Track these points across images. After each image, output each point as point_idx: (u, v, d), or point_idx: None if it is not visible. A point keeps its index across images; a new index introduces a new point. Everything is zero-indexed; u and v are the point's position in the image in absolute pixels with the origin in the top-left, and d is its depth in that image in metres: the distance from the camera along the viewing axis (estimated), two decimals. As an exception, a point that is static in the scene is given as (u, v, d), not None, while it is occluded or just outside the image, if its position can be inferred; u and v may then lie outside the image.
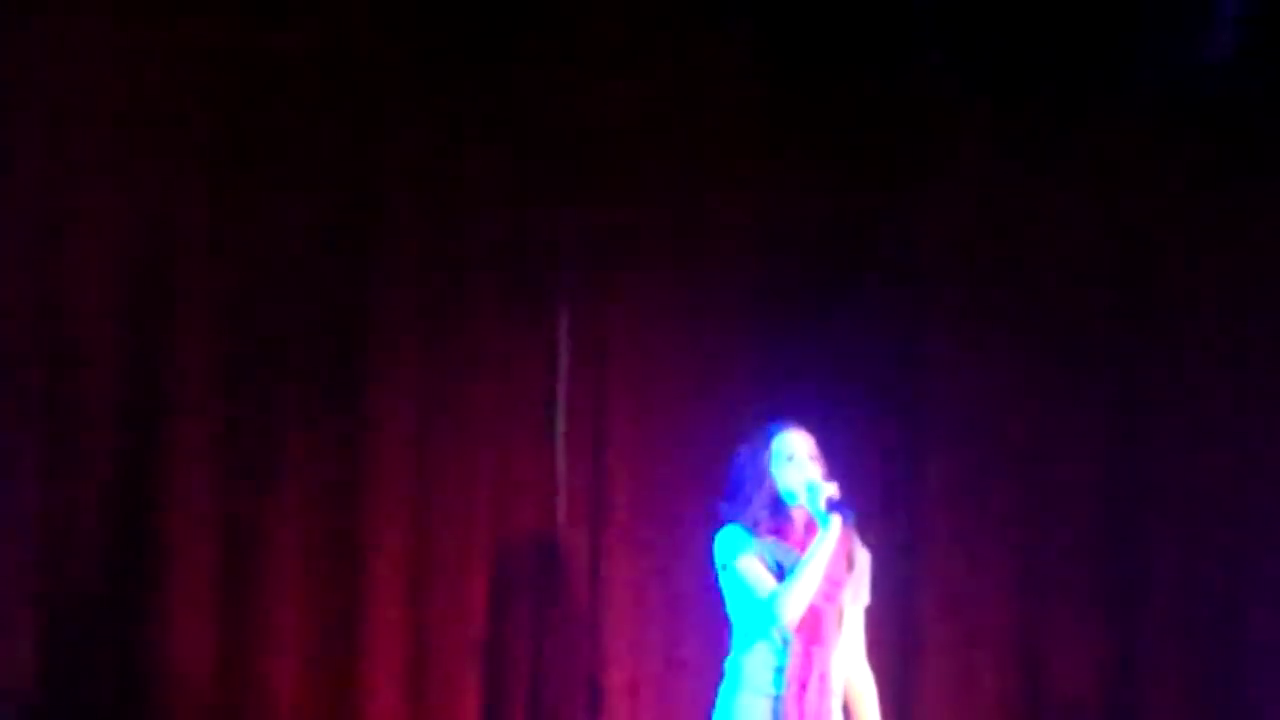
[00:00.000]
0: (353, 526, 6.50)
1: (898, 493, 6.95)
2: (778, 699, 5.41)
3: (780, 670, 5.43)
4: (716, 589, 5.62)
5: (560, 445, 6.77)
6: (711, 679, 6.46)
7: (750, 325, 6.96)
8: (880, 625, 5.76)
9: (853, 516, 5.42)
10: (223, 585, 6.35)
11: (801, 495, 5.48)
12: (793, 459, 5.53)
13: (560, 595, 6.74)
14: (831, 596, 5.46)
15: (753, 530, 5.52)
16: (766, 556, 5.49)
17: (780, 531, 5.52)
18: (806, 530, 5.50)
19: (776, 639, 5.45)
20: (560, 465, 6.77)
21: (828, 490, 5.43)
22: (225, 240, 6.39)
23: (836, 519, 5.40)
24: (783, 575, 5.44)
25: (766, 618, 5.43)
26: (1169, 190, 7.21)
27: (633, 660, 6.78)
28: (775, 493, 5.53)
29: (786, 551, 5.48)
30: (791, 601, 5.39)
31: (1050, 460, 7.15)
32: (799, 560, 5.42)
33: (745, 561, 5.48)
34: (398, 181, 6.60)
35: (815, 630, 5.42)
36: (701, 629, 6.66)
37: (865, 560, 5.59)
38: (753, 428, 5.67)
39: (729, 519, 5.57)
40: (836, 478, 5.50)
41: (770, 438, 5.57)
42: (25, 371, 6.18)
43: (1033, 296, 7.15)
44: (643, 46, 6.84)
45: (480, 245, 6.69)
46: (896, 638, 6.70)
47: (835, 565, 5.45)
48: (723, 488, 5.65)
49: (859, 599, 5.58)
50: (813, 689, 5.40)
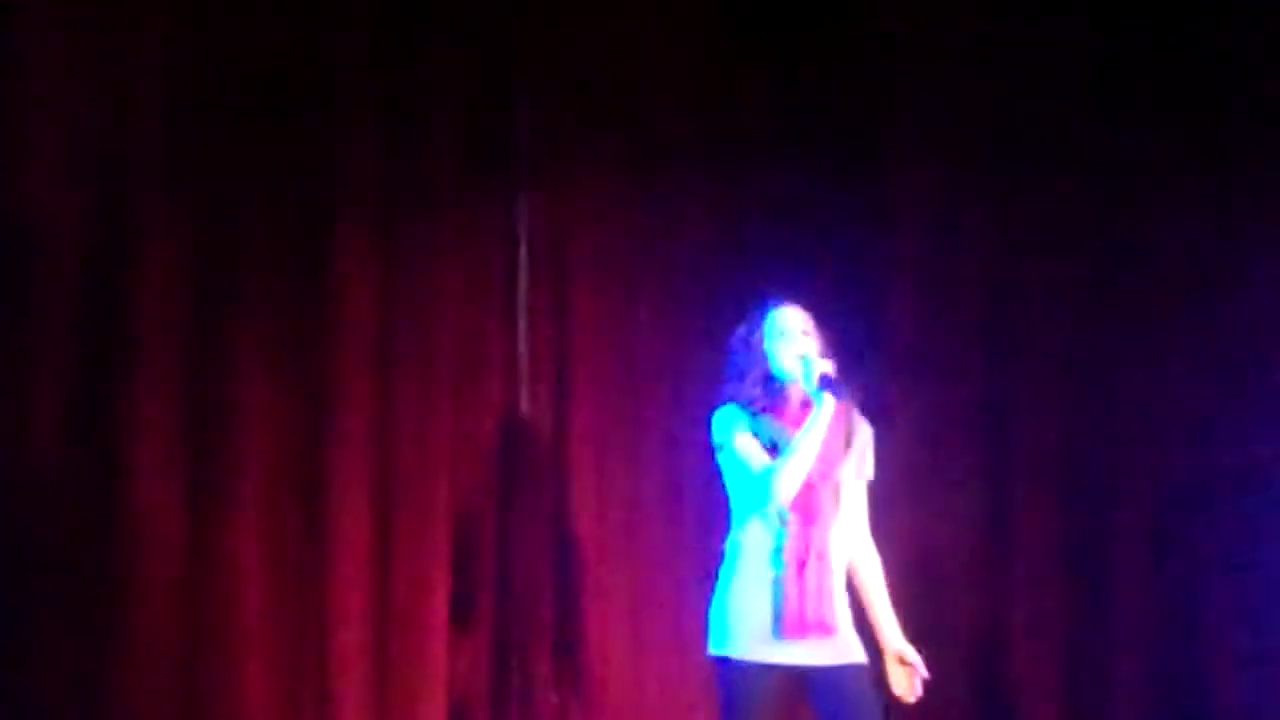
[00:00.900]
0: (316, 414, 6.39)
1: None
2: (776, 579, 5.35)
3: (778, 550, 5.37)
4: (699, 467, 5.63)
5: (522, 329, 6.69)
6: (678, 563, 6.53)
7: (709, 206, 6.90)
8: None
9: (846, 392, 5.37)
10: (189, 482, 6.23)
11: (796, 372, 5.42)
12: (785, 334, 5.47)
13: (525, 478, 6.68)
14: (826, 474, 5.41)
15: (748, 408, 5.46)
16: (761, 435, 5.43)
17: (775, 409, 5.46)
18: (802, 407, 5.44)
19: (773, 518, 5.39)
20: (522, 348, 6.70)
21: (820, 367, 5.37)
22: (183, 131, 6.25)
23: (829, 396, 5.35)
24: (777, 453, 5.39)
25: (761, 495, 5.38)
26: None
27: (599, 548, 6.73)
28: (769, 370, 5.47)
29: (781, 429, 5.42)
30: (785, 479, 5.34)
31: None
32: (793, 437, 5.38)
33: (740, 440, 5.43)
34: (355, 74, 6.49)
35: (811, 508, 5.38)
36: (667, 513, 6.73)
37: (867, 434, 5.54)
38: (736, 310, 5.61)
39: (726, 399, 5.51)
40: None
41: (764, 315, 5.51)
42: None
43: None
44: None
45: (438, 133, 6.58)
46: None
47: (831, 442, 5.40)
48: (696, 367, 5.62)
49: (862, 474, 5.54)
50: (811, 568, 5.35)
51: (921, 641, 5.56)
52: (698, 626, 5.50)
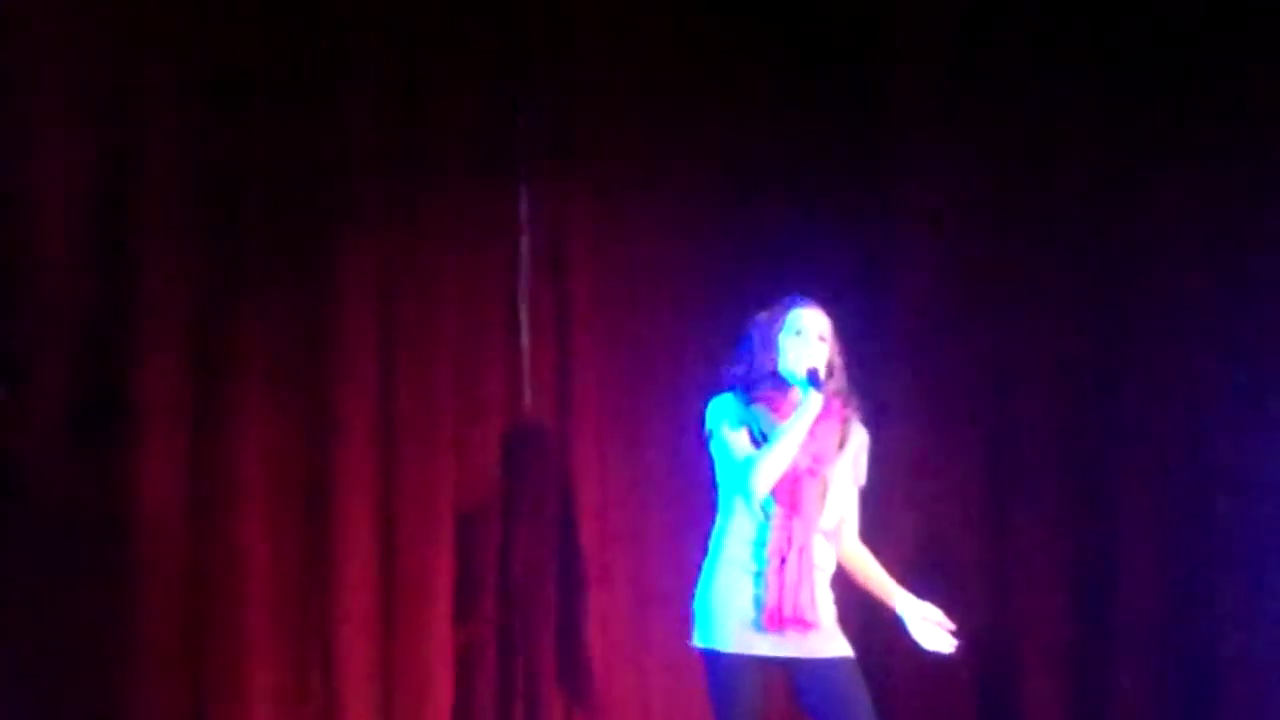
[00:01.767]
0: (319, 409, 6.44)
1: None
2: (758, 574, 5.39)
3: (760, 544, 5.40)
4: (702, 461, 5.61)
5: (524, 325, 6.73)
6: (681, 556, 6.54)
7: (714, 197, 6.93)
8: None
9: (826, 388, 5.39)
10: (188, 484, 6.29)
11: (795, 370, 5.46)
12: (800, 334, 5.50)
13: (528, 474, 6.72)
14: (815, 471, 5.43)
15: (745, 397, 5.50)
16: (754, 425, 5.47)
17: (772, 402, 5.49)
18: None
19: (756, 510, 5.42)
20: (525, 344, 6.74)
21: (809, 361, 5.41)
22: (185, 130, 6.31)
23: (815, 393, 5.38)
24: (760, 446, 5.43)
25: (741, 484, 5.41)
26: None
27: (602, 537, 6.77)
28: (776, 364, 5.50)
29: (773, 423, 5.45)
30: (762, 470, 5.37)
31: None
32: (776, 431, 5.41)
33: (726, 429, 5.46)
34: (357, 72, 6.53)
35: (795, 503, 5.40)
36: (670, 506, 6.73)
37: (862, 439, 5.56)
38: (736, 300, 5.67)
39: (726, 386, 5.55)
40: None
41: (787, 310, 5.55)
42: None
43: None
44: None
45: (440, 130, 6.62)
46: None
47: (823, 440, 5.43)
48: (698, 359, 5.65)
49: (855, 479, 5.56)
50: (791, 562, 5.37)
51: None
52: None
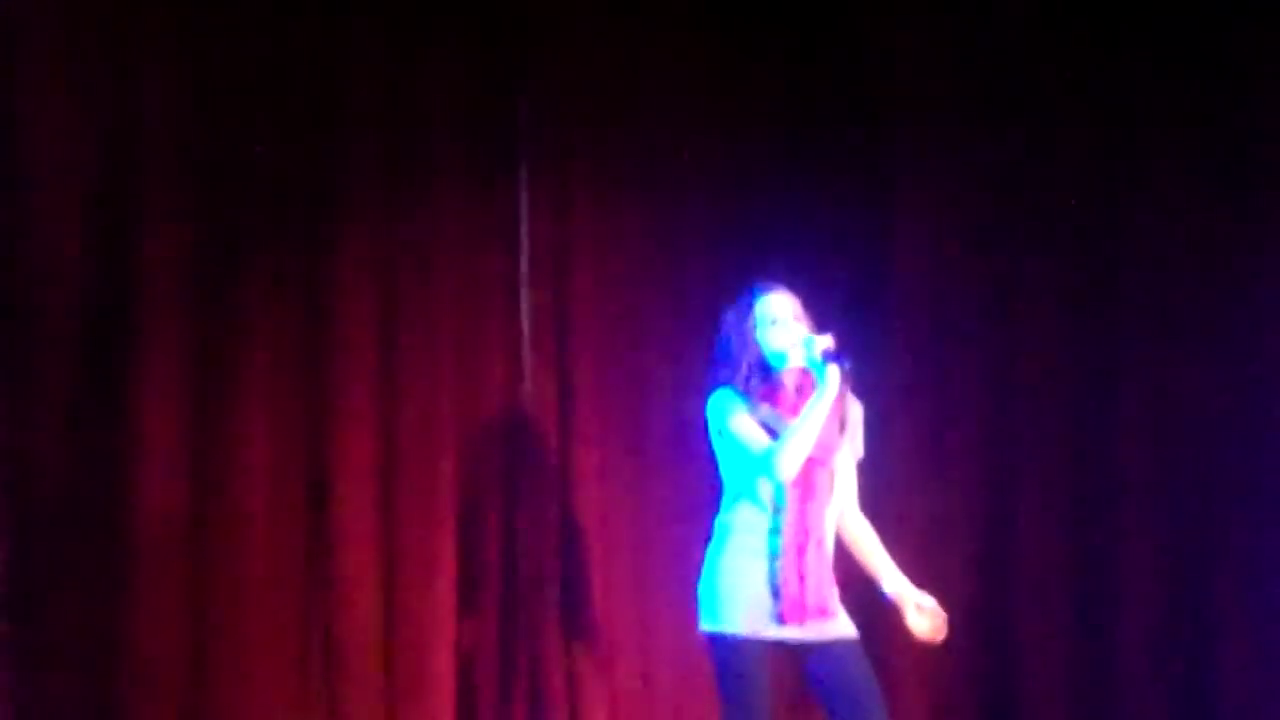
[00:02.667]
0: (321, 399, 6.47)
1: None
2: (773, 559, 5.39)
3: (775, 532, 5.40)
4: (705, 446, 5.59)
5: (525, 313, 6.74)
6: (683, 543, 6.54)
7: (711, 182, 6.92)
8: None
9: (849, 364, 5.36)
10: (190, 473, 6.32)
11: (796, 353, 5.43)
12: (777, 322, 5.48)
13: (529, 454, 6.73)
14: (824, 459, 5.44)
15: (744, 394, 5.48)
16: (759, 419, 5.45)
17: (772, 397, 5.48)
18: (798, 393, 5.47)
19: (767, 502, 5.43)
20: (525, 332, 6.75)
21: (822, 342, 5.38)
22: (188, 115, 6.33)
23: (834, 369, 5.35)
24: (775, 438, 5.40)
25: (764, 475, 5.39)
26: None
27: (604, 526, 6.78)
28: (762, 357, 5.49)
29: (779, 417, 5.44)
30: (788, 455, 5.34)
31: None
32: (792, 423, 5.38)
33: (738, 421, 5.44)
34: (358, 67, 6.55)
35: (808, 491, 5.41)
36: (672, 494, 6.74)
37: (858, 414, 5.55)
38: (731, 292, 5.63)
39: (720, 383, 5.52)
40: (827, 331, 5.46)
41: (753, 301, 5.52)
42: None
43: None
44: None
45: (441, 123, 6.63)
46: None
47: (828, 427, 5.41)
48: (705, 347, 5.63)
49: (855, 453, 5.56)
50: (811, 553, 5.39)
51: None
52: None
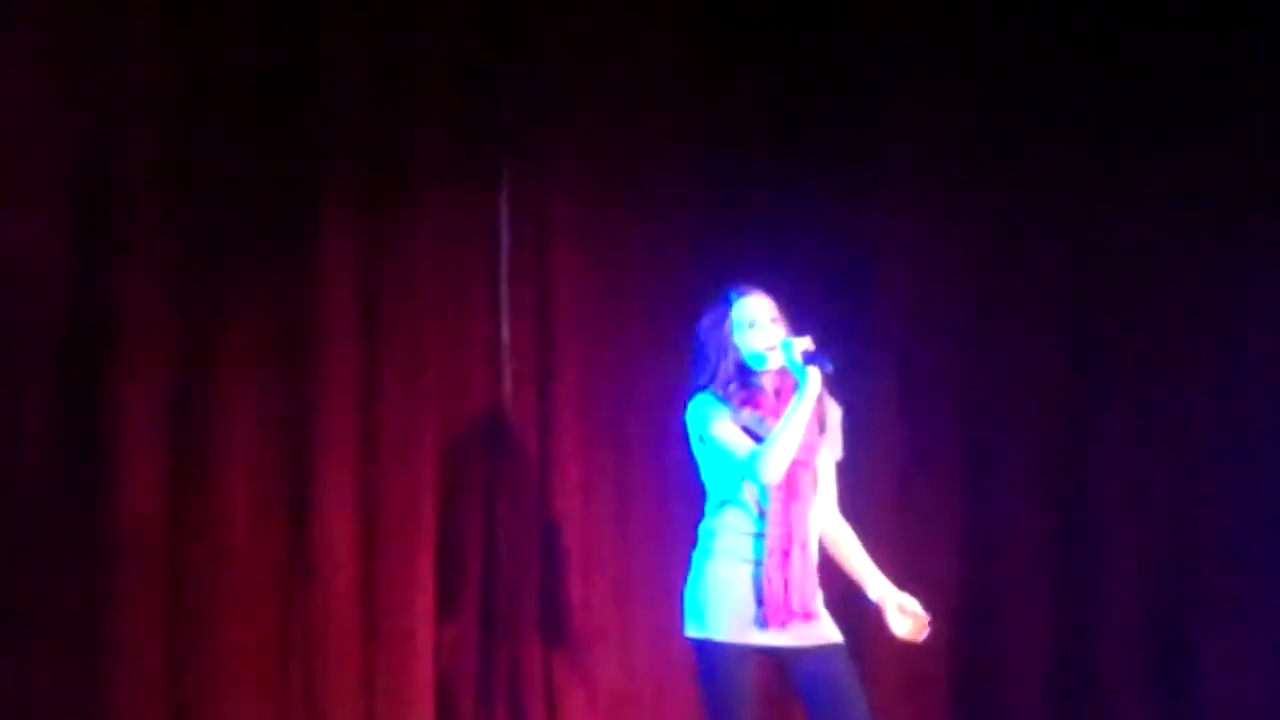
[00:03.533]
0: (302, 398, 6.46)
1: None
2: (758, 564, 5.38)
3: (759, 536, 5.39)
4: (686, 449, 5.57)
5: (505, 310, 6.73)
6: (663, 544, 6.55)
7: (693, 185, 6.91)
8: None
9: (830, 366, 5.35)
10: (171, 478, 6.32)
11: (775, 355, 5.42)
12: (755, 324, 5.46)
13: (510, 459, 6.71)
14: (806, 461, 5.43)
15: (724, 399, 5.46)
16: (740, 424, 5.43)
17: (751, 400, 5.46)
18: (777, 396, 5.46)
19: (752, 506, 5.42)
20: (505, 330, 6.74)
21: (802, 344, 5.37)
22: (168, 120, 6.33)
23: (814, 371, 5.34)
24: (757, 441, 5.39)
25: (749, 478, 5.38)
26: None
27: (584, 521, 6.77)
28: (741, 360, 5.47)
29: (760, 420, 5.43)
30: (774, 458, 5.32)
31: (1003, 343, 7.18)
32: (773, 426, 5.37)
33: (720, 427, 5.42)
34: (340, 59, 6.53)
35: (792, 494, 5.39)
36: (652, 495, 6.75)
37: (837, 415, 5.53)
38: (711, 296, 5.59)
39: (698, 389, 5.51)
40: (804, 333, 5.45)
41: (730, 305, 5.51)
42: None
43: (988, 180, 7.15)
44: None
45: (422, 118, 6.62)
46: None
47: (809, 428, 5.40)
48: (686, 351, 5.61)
49: (834, 453, 5.55)
50: (795, 557, 5.37)
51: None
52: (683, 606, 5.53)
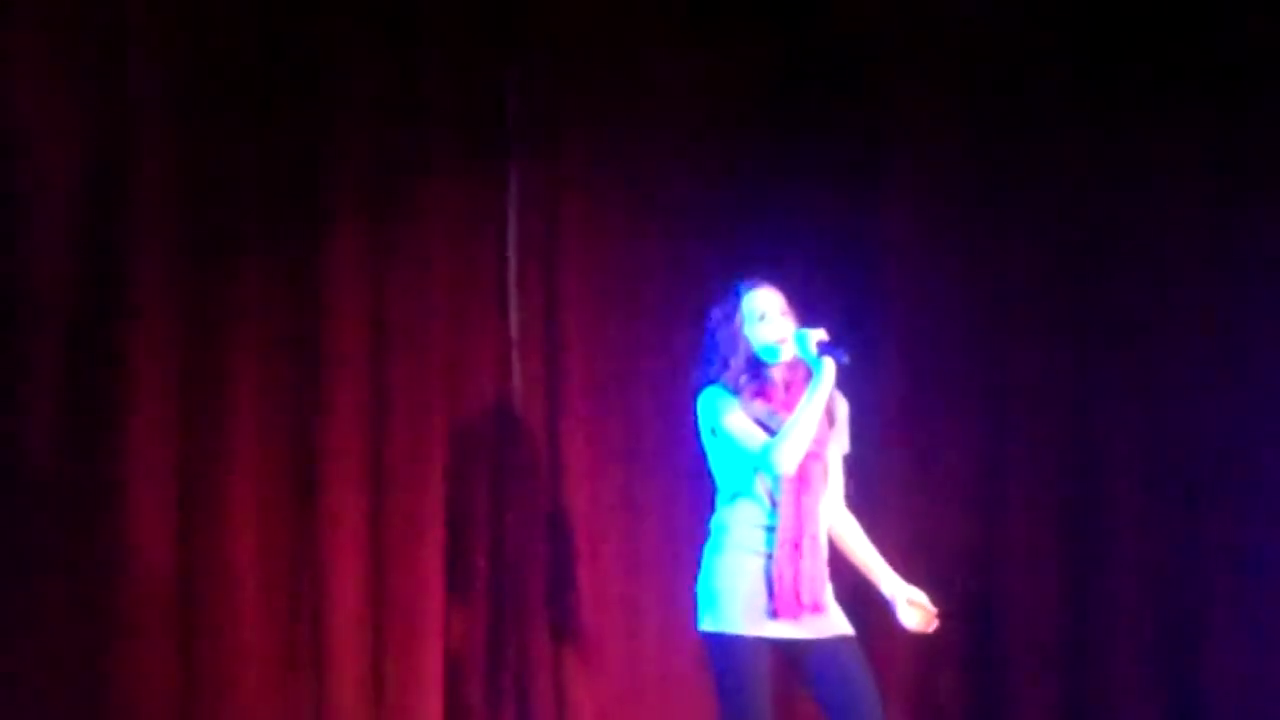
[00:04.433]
0: (310, 400, 6.46)
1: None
2: (769, 557, 5.39)
3: (771, 529, 5.40)
4: (694, 446, 5.57)
5: (513, 311, 6.74)
6: (671, 535, 6.56)
7: (703, 180, 6.92)
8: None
9: (845, 358, 5.35)
10: (180, 470, 6.32)
11: (787, 347, 5.43)
12: (765, 317, 5.47)
13: (518, 460, 6.72)
14: (817, 454, 5.43)
15: (735, 391, 5.46)
16: (752, 416, 5.43)
17: (763, 393, 5.46)
18: (787, 390, 5.46)
19: (764, 497, 5.43)
20: (514, 331, 6.75)
21: (816, 335, 5.38)
22: (176, 112, 6.32)
23: (829, 361, 5.35)
24: (769, 434, 5.38)
25: (763, 470, 5.38)
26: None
27: (592, 524, 6.77)
28: (752, 353, 5.48)
29: (771, 413, 5.43)
30: (789, 449, 5.32)
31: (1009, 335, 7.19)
32: (784, 419, 5.37)
33: (733, 419, 5.42)
34: (346, 57, 6.54)
35: (803, 486, 5.39)
36: (660, 485, 6.76)
37: (844, 410, 5.55)
38: (721, 289, 5.60)
39: (708, 381, 5.51)
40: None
41: (740, 298, 5.51)
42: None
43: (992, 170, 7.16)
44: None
45: (428, 111, 6.62)
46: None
47: (820, 421, 5.39)
48: (695, 348, 5.61)
49: (841, 448, 5.56)
50: (806, 549, 5.38)
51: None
52: (693, 598, 5.53)
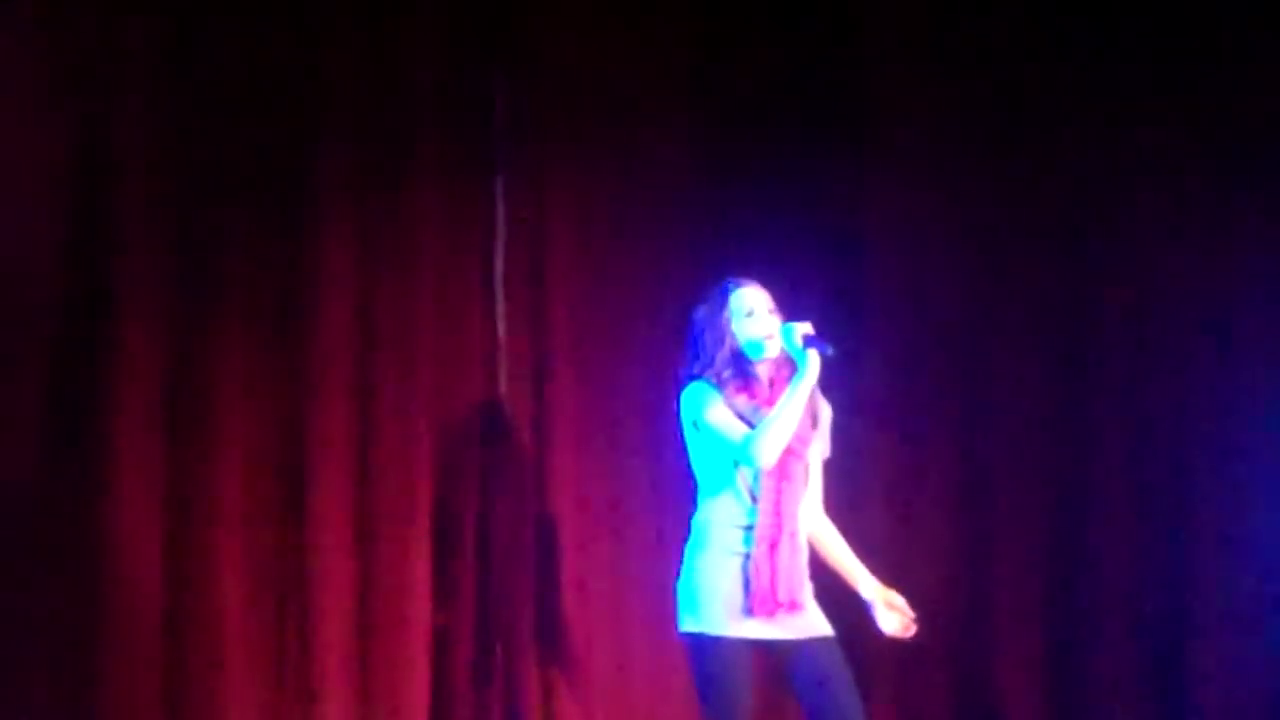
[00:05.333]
0: (297, 401, 6.46)
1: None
2: (747, 557, 5.39)
3: (749, 528, 5.41)
4: (681, 447, 5.57)
5: (500, 312, 6.74)
6: (658, 537, 6.57)
7: (688, 183, 6.92)
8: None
9: (830, 350, 5.37)
10: (165, 470, 6.32)
11: (773, 343, 5.44)
12: (752, 314, 5.49)
13: (505, 461, 6.72)
14: (799, 453, 5.44)
15: (718, 387, 5.47)
16: (735, 412, 5.43)
17: (747, 389, 5.47)
18: (771, 387, 5.47)
19: (744, 495, 5.43)
20: (501, 329, 6.74)
21: (802, 328, 5.39)
22: (164, 119, 6.33)
23: (814, 354, 5.36)
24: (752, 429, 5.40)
25: (743, 462, 5.39)
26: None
27: (579, 524, 6.78)
28: (737, 349, 5.49)
29: (754, 409, 5.43)
30: (769, 440, 5.33)
31: (995, 333, 7.18)
32: (770, 411, 5.38)
33: (715, 413, 5.43)
34: (333, 62, 6.54)
35: (783, 486, 5.40)
36: (647, 488, 6.76)
37: (827, 414, 5.55)
38: (708, 287, 5.61)
39: (693, 377, 5.51)
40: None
41: (727, 295, 5.52)
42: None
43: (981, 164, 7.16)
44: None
45: (416, 114, 6.62)
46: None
47: (802, 422, 5.41)
48: (682, 349, 5.61)
49: (822, 452, 5.56)
50: (783, 547, 5.39)
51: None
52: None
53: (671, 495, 6.36)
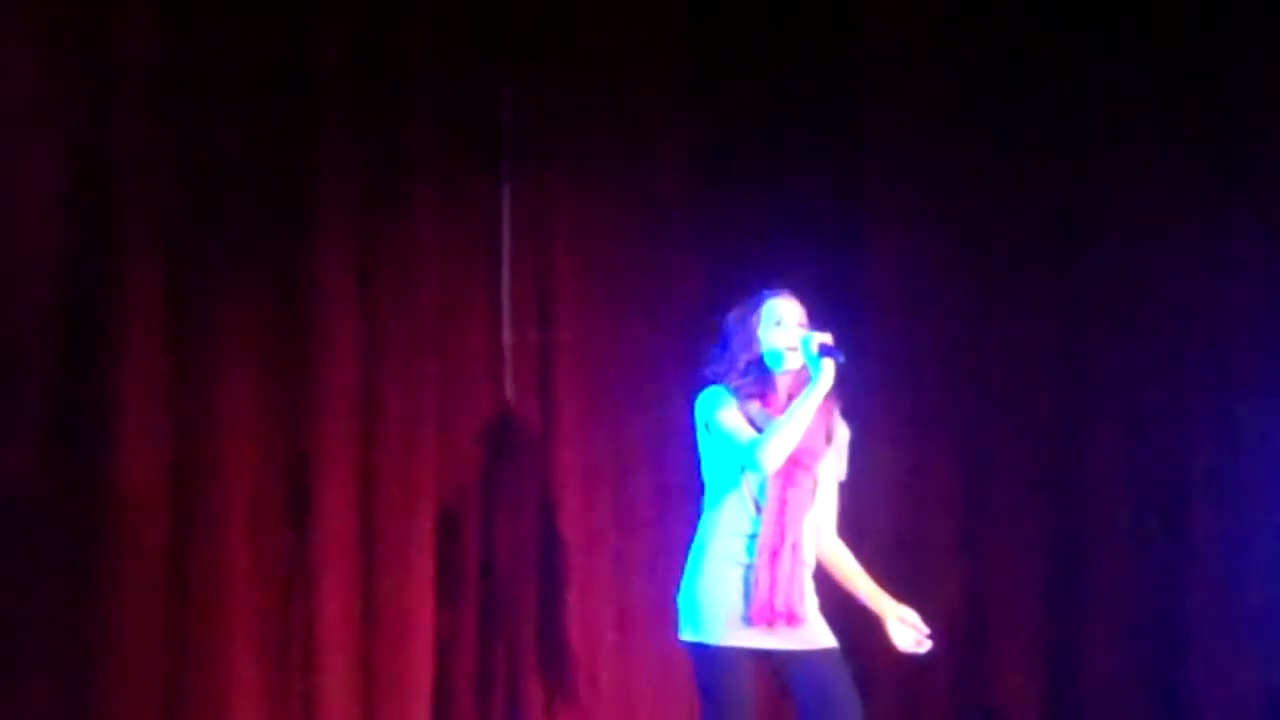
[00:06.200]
0: (302, 404, 6.45)
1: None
2: (749, 567, 5.40)
3: (753, 537, 5.41)
4: (686, 449, 5.61)
5: (507, 318, 6.74)
6: (663, 543, 6.56)
7: (691, 186, 6.92)
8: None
9: (843, 358, 5.38)
10: (171, 472, 6.31)
11: (794, 356, 5.44)
12: (781, 323, 5.50)
13: (510, 470, 6.73)
14: (808, 465, 5.44)
15: (735, 392, 5.48)
16: (748, 418, 5.45)
17: (763, 397, 5.48)
18: (789, 398, 5.46)
19: (749, 505, 5.44)
20: (506, 330, 6.74)
21: (820, 338, 5.41)
22: (165, 119, 6.30)
23: (829, 363, 5.37)
24: None
25: (748, 465, 5.40)
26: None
27: (584, 534, 6.78)
28: (760, 356, 5.50)
29: (768, 416, 5.44)
30: (775, 445, 5.34)
31: (993, 334, 7.19)
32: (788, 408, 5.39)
33: (726, 414, 5.44)
34: (337, 59, 6.52)
35: (788, 497, 5.41)
36: (652, 494, 6.79)
37: (844, 435, 5.57)
38: (714, 287, 5.61)
39: (711, 381, 5.53)
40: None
41: (760, 302, 5.54)
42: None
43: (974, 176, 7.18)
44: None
45: (419, 115, 6.61)
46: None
47: (812, 435, 5.42)
48: (678, 348, 5.66)
49: (838, 474, 5.57)
50: (784, 557, 5.39)
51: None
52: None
53: (677, 506, 6.36)
